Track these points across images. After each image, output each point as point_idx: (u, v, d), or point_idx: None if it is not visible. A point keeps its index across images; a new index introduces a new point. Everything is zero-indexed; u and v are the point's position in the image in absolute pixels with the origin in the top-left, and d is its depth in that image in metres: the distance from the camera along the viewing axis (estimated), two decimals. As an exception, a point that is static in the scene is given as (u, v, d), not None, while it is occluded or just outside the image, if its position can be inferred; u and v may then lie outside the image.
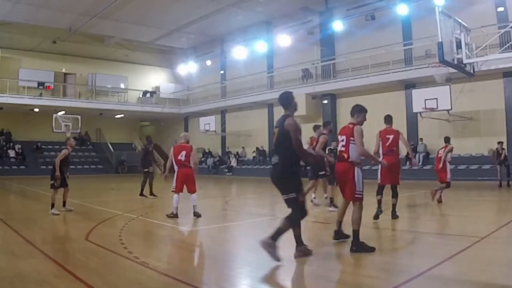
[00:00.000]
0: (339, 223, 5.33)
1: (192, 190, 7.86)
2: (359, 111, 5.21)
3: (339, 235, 5.34)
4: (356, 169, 4.98)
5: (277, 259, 4.35)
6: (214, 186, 18.75)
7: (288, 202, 4.49)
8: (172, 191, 7.82)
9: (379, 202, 7.28)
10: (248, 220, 8.03)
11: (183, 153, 7.86)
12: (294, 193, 4.45)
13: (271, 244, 4.36)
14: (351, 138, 4.98)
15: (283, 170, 4.48)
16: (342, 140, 5.10)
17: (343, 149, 5.07)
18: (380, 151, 7.46)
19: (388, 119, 7.64)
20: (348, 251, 4.82)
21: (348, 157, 5.00)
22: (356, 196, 4.92)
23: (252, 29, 25.18)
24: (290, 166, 4.50)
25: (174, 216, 7.74)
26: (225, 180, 23.08)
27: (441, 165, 9.47)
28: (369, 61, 19.49)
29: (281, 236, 4.42)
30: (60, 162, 8.55)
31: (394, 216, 7.25)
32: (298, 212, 4.49)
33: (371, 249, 4.80)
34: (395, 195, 7.29)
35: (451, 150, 9.69)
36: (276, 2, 22.04)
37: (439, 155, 9.73)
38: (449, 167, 9.58)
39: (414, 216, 7.82)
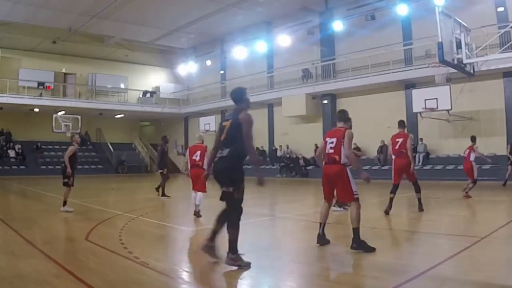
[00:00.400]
0: (323, 225, 5.23)
1: (199, 189, 7.88)
2: (348, 118, 5.42)
3: (323, 239, 5.21)
4: (348, 170, 5.08)
5: (247, 265, 4.30)
6: (214, 186, 18.72)
7: (225, 196, 4.40)
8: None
9: (391, 200, 7.78)
10: (248, 220, 7.97)
11: (198, 153, 8.04)
12: (231, 187, 4.34)
13: (234, 258, 4.30)
14: (343, 141, 5.07)
15: (230, 164, 4.39)
16: (332, 142, 5.15)
17: (332, 151, 5.12)
18: (392, 154, 8.16)
19: (401, 123, 8.25)
20: (348, 252, 4.82)
21: (340, 159, 5.06)
22: (354, 196, 5.00)
23: (252, 29, 25.16)
24: (239, 160, 4.42)
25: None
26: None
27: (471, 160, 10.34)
28: (369, 61, 19.49)
29: (235, 244, 4.33)
30: (68, 159, 8.71)
31: (421, 209, 8.01)
32: (234, 210, 4.39)
33: (371, 249, 4.79)
34: (417, 190, 8.06)
35: (475, 150, 10.44)
36: (276, 2, 22.04)
37: (465, 155, 10.53)
38: (474, 166, 10.38)
39: (414, 216, 7.82)
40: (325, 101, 22.39)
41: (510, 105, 16.37)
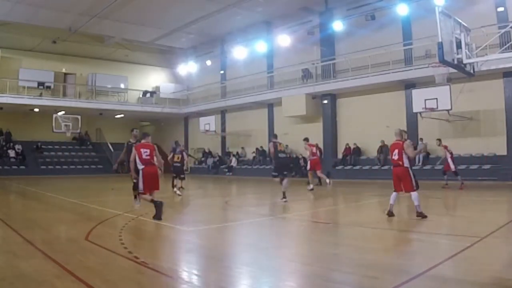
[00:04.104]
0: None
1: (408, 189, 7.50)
2: (148, 135, 8.09)
3: (160, 212, 7.38)
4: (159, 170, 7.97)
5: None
6: (214, 186, 18.76)
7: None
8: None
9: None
10: (248, 220, 8.03)
11: (396, 151, 7.52)
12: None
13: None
14: (155, 152, 7.78)
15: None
16: (146, 151, 7.63)
17: (148, 157, 7.63)
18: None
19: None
20: (348, 252, 4.83)
21: (154, 162, 7.78)
22: (159, 187, 7.89)
23: (252, 29, 25.15)
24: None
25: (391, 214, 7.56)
26: (225, 180, 23.07)
27: None
28: (369, 61, 19.48)
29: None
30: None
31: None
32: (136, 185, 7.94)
33: (159, 217, 7.25)
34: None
35: None
36: (276, 2, 22.03)
37: None
38: None
39: (414, 216, 7.81)
40: (325, 101, 22.37)
41: (510, 105, 16.35)
